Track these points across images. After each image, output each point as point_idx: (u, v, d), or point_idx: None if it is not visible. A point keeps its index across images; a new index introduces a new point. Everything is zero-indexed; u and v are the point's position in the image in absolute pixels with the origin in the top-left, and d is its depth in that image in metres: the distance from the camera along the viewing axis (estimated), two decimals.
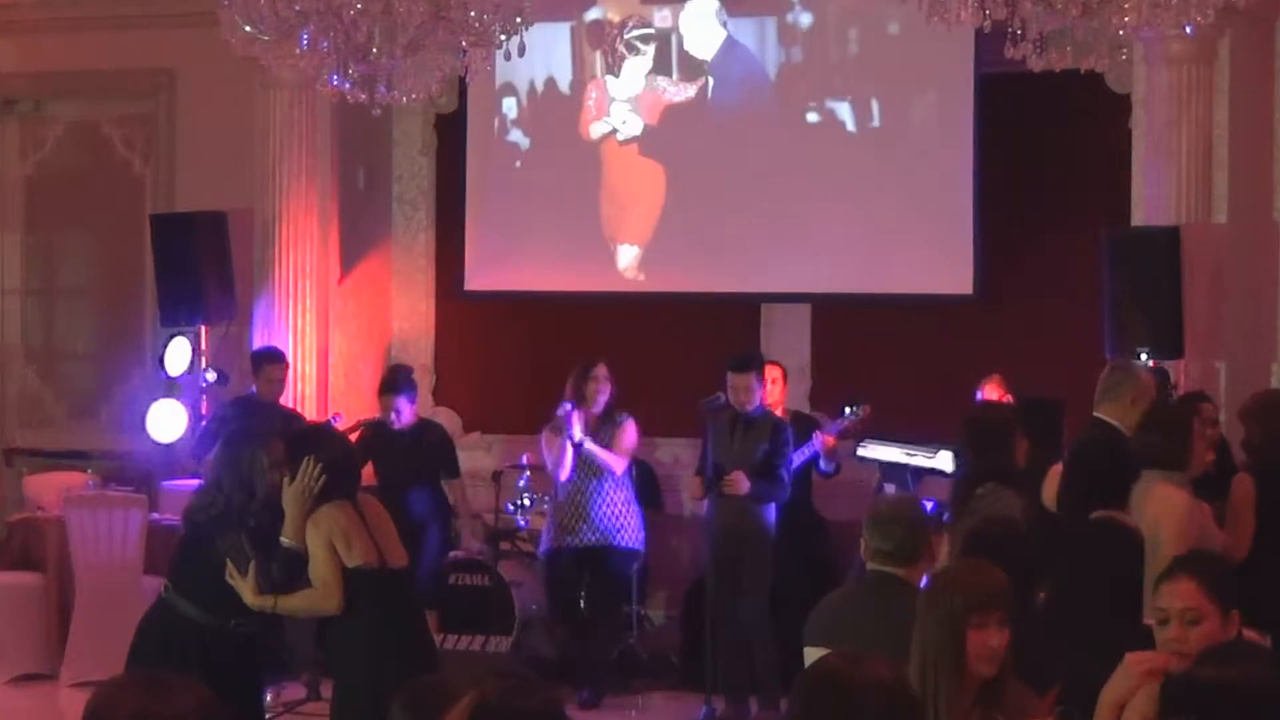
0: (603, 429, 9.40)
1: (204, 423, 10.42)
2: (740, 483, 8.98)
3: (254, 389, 10.07)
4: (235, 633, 6.56)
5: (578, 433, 9.30)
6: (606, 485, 9.39)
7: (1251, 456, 7.42)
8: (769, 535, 9.07)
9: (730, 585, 9.05)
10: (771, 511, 9.09)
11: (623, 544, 9.42)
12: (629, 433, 9.42)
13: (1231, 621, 4.28)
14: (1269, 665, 3.44)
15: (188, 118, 11.39)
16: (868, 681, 3.12)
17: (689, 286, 10.88)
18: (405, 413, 9.65)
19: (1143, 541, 5.19)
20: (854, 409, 9.70)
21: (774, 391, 9.58)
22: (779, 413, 9.47)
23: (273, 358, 10.06)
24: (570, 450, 9.36)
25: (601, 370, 9.43)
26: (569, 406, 9.32)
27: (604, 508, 9.39)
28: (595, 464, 9.36)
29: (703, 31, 10.81)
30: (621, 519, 9.42)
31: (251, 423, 9.77)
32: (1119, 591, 5.02)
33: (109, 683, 2.98)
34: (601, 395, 9.40)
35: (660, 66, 10.90)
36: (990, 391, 9.60)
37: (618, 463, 9.40)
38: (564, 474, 9.45)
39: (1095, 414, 7.24)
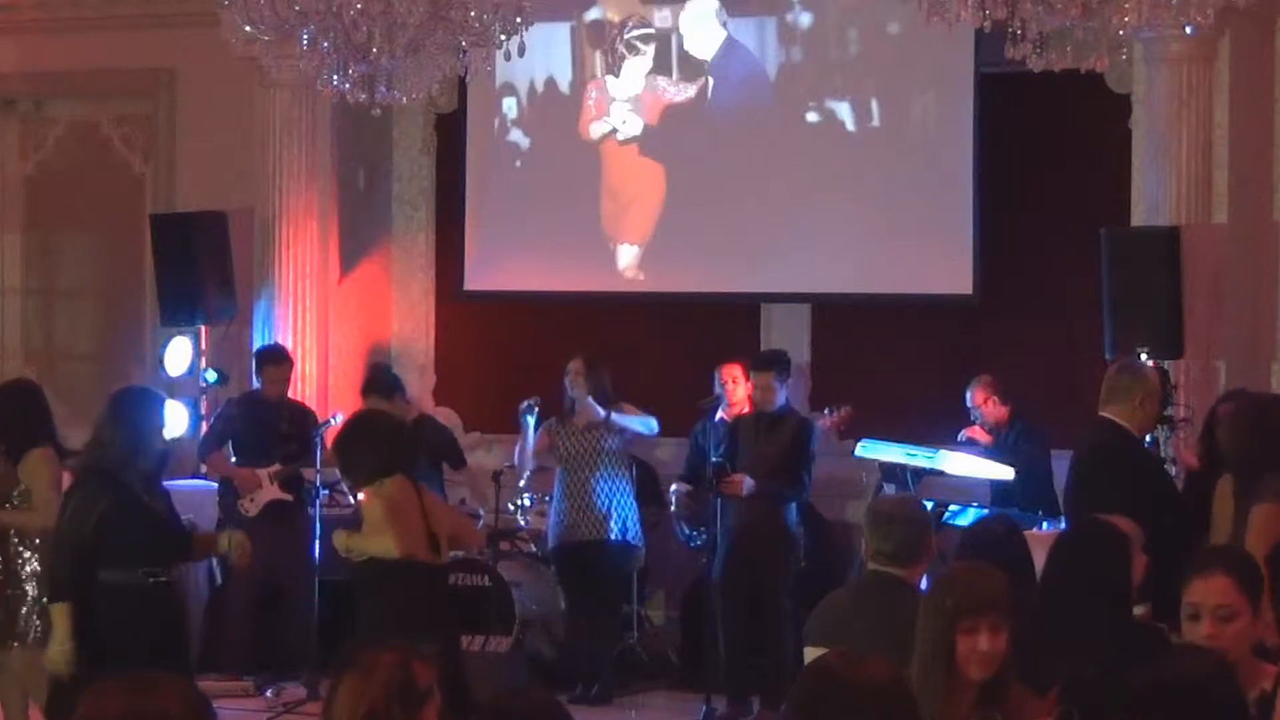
0: (590, 429, 9.43)
1: (211, 421, 10.40)
2: (741, 483, 9.00)
3: (258, 386, 10.05)
4: (151, 585, 6.57)
5: (599, 410, 9.33)
6: (605, 480, 9.41)
7: (1228, 458, 7.37)
8: (791, 535, 9.09)
9: (748, 584, 9.06)
10: (793, 511, 9.11)
11: (619, 539, 9.43)
12: (630, 407, 9.48)
13: (1261, 618, 4.25)
14: (1205, 664, 3.43)
15: (188, 118, 11.39)
16: (866, 681, 3.12)
17: (689, 286, 10.87)
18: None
19: (1128, 543, 5.19)
20: (831, 410, 9.70)
21: (736, 391, 9.58)
22: (746, 410, 9.48)
23: (274, 359, 9.99)
24: (526, 442, 9.48)
25: (574, 364, 9.46)
26: (534, 402, 9.46)
27: (602, 502, 9.40)
28: (594, 458, 9.38)
29: (703, 31, 10.80)
30: (619, 513, 9.42)
31: (256, 418, 9.81)
32: (1114, 592, 5.02)
33: (97, 685, 2.99)
34: (577, 391, 9.43)
35: (660, 66, 10.88)
36: (978, 394, 9.60)
37: (648, 421, 9.44)
38: (524, 463, 9.65)
39: (1102, 414, 7.22)
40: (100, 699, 2.94)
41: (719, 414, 9.67)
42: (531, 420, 9.49)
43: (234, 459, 9.92)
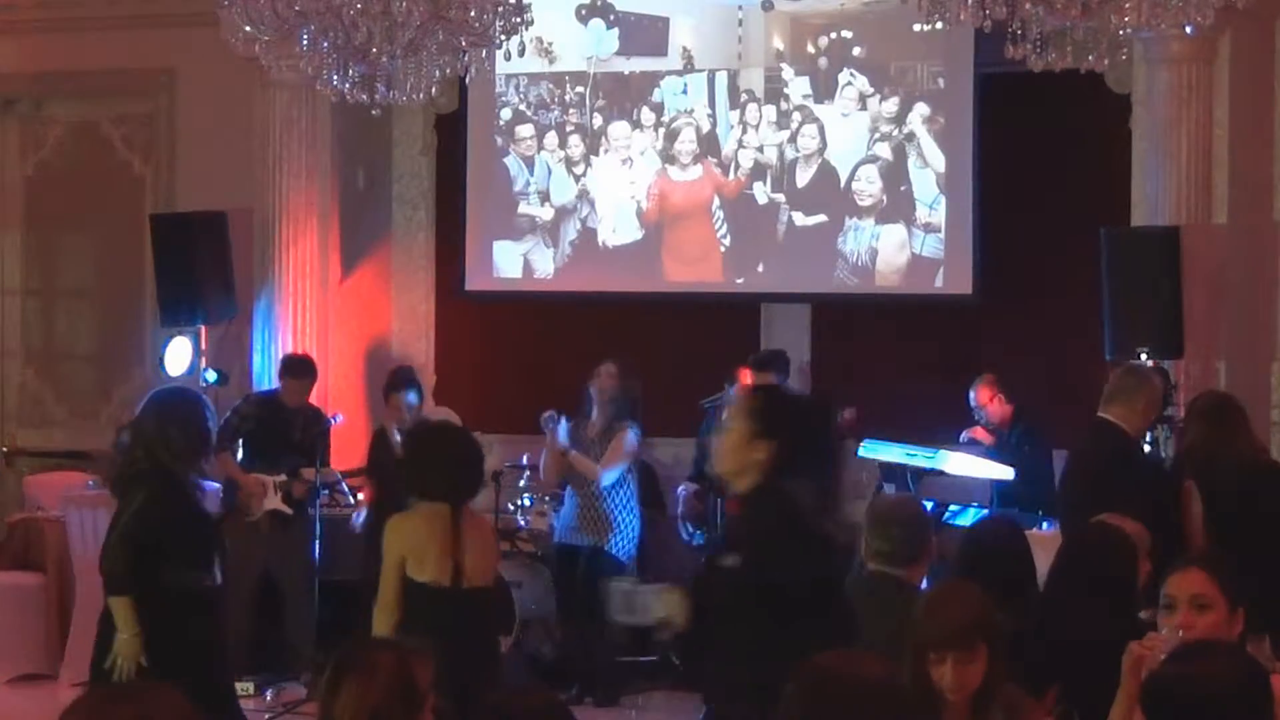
0: (603, 439, 9.40)
1: (223, 419, 10.38)
2: None
3: (277, 388, 10.03)
4: (205, 588, 6.55)
5: (562, 438, 9.31)
6: (600, 492, 9.36)
7: (1190, 457, 7.34)
8: None
9: None
10: None
11: (611, 551, 9.39)
12: (620, 443, 9.38)
13: (1237, 618, 4.28)
14: (1236, 661, 3.44)
15: (188, 118, 11.39)
16: (861, 680, 3.13)
17: (689, 287, 10.88)
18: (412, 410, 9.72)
19: (1135, 547, 5.20)
20: (839, 412, 9.70)
21: None
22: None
23: (296, 372, 9.91)
24: (553, 457, 9.40)
25: (604, 368, 9.43)
26: (551, 414, 9.37)
27: (596, 514, 9.37)
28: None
29: (703, 24, 10.80)
30: (613, 527, 9.38)
31: (271, 421, 9.80)
32: (1114, 594, 5.02)
33: (86, 697, 2.92)
34: (601, 395, 9.39)
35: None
36: (983, 393, 9.60)
37: (594, 472, 9.34)
38: (549, 480, 9.50)
39: (1101, 414, 7.22)
40: (100, 711, 2.86)
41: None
42: (563, 429, 9.40)
43: (240, 456, 9.89)
